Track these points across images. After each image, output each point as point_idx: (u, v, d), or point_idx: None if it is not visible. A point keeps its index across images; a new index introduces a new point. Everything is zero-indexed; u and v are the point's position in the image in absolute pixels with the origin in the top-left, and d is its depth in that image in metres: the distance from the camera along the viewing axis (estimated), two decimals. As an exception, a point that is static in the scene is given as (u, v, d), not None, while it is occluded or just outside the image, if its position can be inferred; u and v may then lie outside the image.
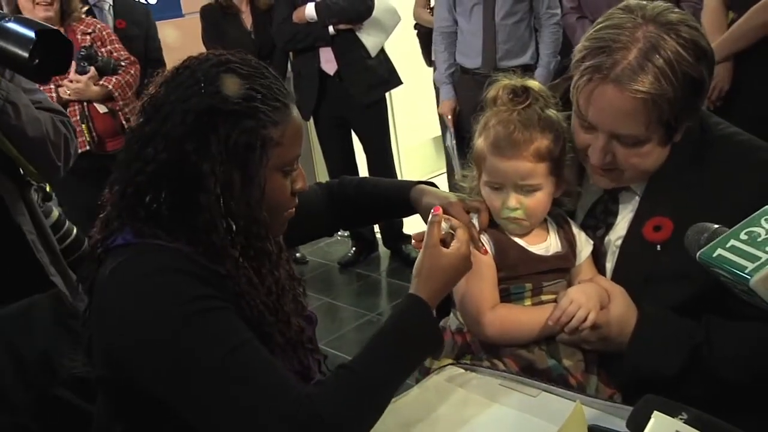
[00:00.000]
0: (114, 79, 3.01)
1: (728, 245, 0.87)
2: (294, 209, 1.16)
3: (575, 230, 1.30)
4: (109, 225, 1.07)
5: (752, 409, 1.13)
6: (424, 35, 4.05)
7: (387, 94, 3.98)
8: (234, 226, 1.06)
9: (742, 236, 0.87)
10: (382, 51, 3.81)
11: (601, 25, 1.16)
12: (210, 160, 1.01)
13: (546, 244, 1.27)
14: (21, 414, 1.21)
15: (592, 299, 1.19)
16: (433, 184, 1.40)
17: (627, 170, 1.20)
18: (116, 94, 3.01)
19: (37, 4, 2.87)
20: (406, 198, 1.38)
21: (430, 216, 1.18)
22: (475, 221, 1.27)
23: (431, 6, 4.00)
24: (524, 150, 1.20)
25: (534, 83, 1.27)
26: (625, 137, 1.15)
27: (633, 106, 1.10)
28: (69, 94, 2.98)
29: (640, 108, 1.10)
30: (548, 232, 1.29)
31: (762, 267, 0.82)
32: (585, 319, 1.17)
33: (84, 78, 2.96)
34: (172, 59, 1.13)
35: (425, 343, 1.13)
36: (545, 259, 1.25)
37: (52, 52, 1.42)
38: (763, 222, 0.87)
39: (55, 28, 1.48)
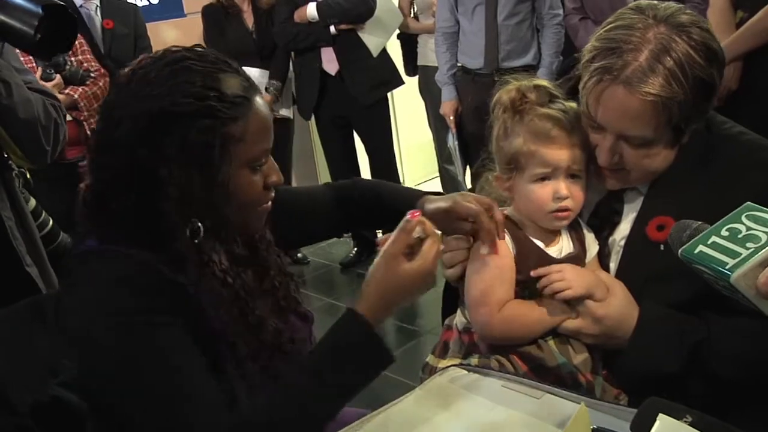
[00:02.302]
0: (80, 89, 2.98)
1: (709, 242, 0.88)
2: (270, 203, 1.12)
3: (585, 230, 1.30)
4: (77, 232, 1.07)
5: (754, 408, 1.14)
6: (406, 42, 4.06)
7: (389, 94, 3.98)
8: (202, 229, 1.04)
9: (723, 233, 0.88)
10: (383, 51, 3.82)
11: (611, 26, 1.15)
12: (166, 165, 0.99)
13: (559, 246, 1.27)
14: (21, 414, 1.20)
15: (581, 280, 1.20)
16: (440, 193, 1.37)
17: (634, 171, 1.20)
18: (81, 104, 2.97)
19: None
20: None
21: (403, 221, 1.08)
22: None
23: (414, 12, 4.01)
24: (573, 137, 1.21)
25: (544, 81, 1.28)
26: (634, 138, 1.15)
27: (642, 108, 1.10)
28: None
29: (650, 110, 1.10)
30: (560, 233, 1.29)
31: (742, 263, 0.84)
32: (562, 291, 1.18)
33: (48, 85, 2.93)
34: (173, 59, 1.11)
35: (363, 364, 1.05)
36: (560, 262, 1.25)
37: (54, 29, 1.37)
38: (743, 219, 0.89)
39: (62, 3, 1.42)
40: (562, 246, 1.27)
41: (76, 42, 3.16)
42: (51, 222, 1.87)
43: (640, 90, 1.08)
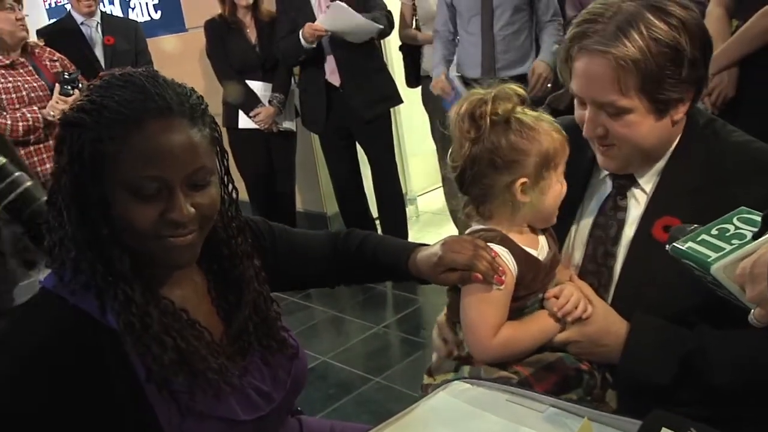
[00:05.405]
0: None
1: (698, 239, 0.92)
2: (178, 237, 1.01)
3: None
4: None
5: (749, 417, 1.14)
6: (409, 53, 4.07)
7: (390, 105, 3.98)
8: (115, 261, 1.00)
9: (713, 232, 0.93)
10: (384, 68, 3.84)
11: (593, 4, 1.22)
12: (64, 174, 0.99)
13: (542, 246, 1.28)
14: None
15: (576, 292, 1.24)
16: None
17: (619, 144, 1.23)
18: None
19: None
20: (405, 267, 1.31)
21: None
22: (495, 247, 1.22)
23: (415, 21, 4.02)
24: None
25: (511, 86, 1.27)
26: (607, 106, 1.19)
27: (602, 70, 1.15)
28: (53, 116, 3.02)
29: (609, 71, 1.15)
30: (538, 232, 1.29)
31: (724, 256, 0.87)
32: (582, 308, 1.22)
33: (69, 100, 2.98)
34: (175, 73, 1.10)
35: None
36: (546, 264, 1.26)
37: None
38: (735, 221, 0.93)
39: None
40: (543, 245, 1.28)
41: (65, 62, 3.30)
42: (27, 184, 1.76)
43: (597, 50, 1.15)
